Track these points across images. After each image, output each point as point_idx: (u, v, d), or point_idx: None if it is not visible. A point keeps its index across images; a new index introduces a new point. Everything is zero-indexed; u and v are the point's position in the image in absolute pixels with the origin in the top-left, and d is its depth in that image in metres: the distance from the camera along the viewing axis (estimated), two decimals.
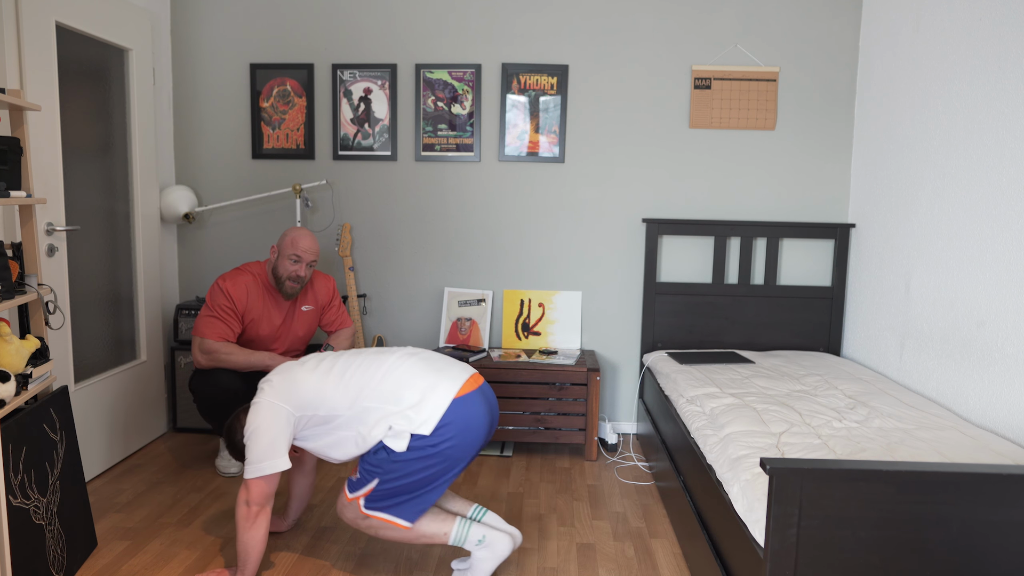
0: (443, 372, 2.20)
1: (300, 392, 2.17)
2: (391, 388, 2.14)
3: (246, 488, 2.17)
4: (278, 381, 2.19)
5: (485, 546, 2.22)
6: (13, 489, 2.05)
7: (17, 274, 2.23)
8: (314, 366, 2.23)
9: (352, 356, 2.26)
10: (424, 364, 2.22)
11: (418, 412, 2.11)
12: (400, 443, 2.11)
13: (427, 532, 2.20)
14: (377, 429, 2.13)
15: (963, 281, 2.67)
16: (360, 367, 2.20)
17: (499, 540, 2.23)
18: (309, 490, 2.65)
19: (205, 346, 2.90)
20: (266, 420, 2.14)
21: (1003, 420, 2.42)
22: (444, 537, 2.21)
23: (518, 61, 3.68)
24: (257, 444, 2.13)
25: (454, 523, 2.22)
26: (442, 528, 2.21)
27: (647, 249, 3.65)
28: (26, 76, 2.63)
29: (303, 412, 2.17)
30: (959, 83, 2.74)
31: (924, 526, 1.60)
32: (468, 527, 2.22)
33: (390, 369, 2.18)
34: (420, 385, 2.15)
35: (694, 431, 2.56)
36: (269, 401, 2.16)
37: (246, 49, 3.74)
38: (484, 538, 2.22)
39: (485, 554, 2.22)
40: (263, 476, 2.15)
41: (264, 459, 2.13)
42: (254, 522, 2.18)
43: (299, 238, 2.89)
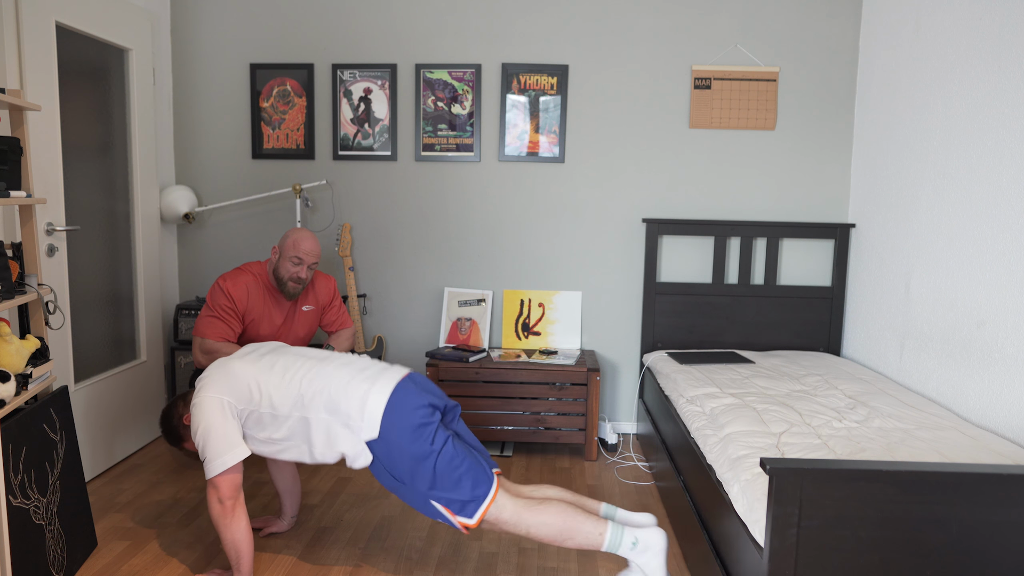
0: (377, 378, 2.18)
1: (238, 383, 2.16)
2: (329, 398, 2.13)
3: (214, 487, 2.15)
4: (216, 375, 2.19)
5: (641, 550, 2.12)
6: (13, 489, 2.05)
7: (17, 274, 2.23)
8: (255, 359, 2.23)
9: (293, 357, 2.25)
10: (357, 373, 2.20)
11: (359, 420, 2.11)
12: (366, 457, 2.12)
13: (583, 529, 2.11)
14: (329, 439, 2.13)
15: (963, 281, 2.67)
16: (300, 371, 2.19)
17: (652, 536, 2.13)
18: (295, 481, 2.65)
19: (206, 346, 2.90)
20: (213, 414, 2.13)
21: (1003, 420, 2.42)
22: (599, 539, 2.11)
23: (518, 61, 3.68)
24: (211, 440, 2.12)
25: (607, 526, 2.12)
26: (597, 528, 2.12)
27: (647, 249, 3.65)
28: (26, 76, 2.63)
29: (244, 405, 2.16)
30: (959, 83, 2.74)
31: (924, 526, 1.60)
32: (621, 531, 2.12)
33: (327, 380, 2.17)
34: (356, 393, 2.14)
35: (694, 431, 2.56)
36: (209, 396, 2.15)
37: (246, 49, 3.74)
38: (637, 541, 2.12)
39: (645, 557, 2.12)
40: (227, 469, 2.13)
41: (223, 453, 2.12)
42: (233, 516, 2.17)
43: (301, 240, 2.89)
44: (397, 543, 2.60)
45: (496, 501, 2.13)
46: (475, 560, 2.49)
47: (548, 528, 2.11)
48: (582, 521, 2.11)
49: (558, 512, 2.12)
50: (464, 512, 2.12)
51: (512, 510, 2.13)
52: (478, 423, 3.44)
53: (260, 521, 2.68)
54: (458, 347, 3.63)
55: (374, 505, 2.92)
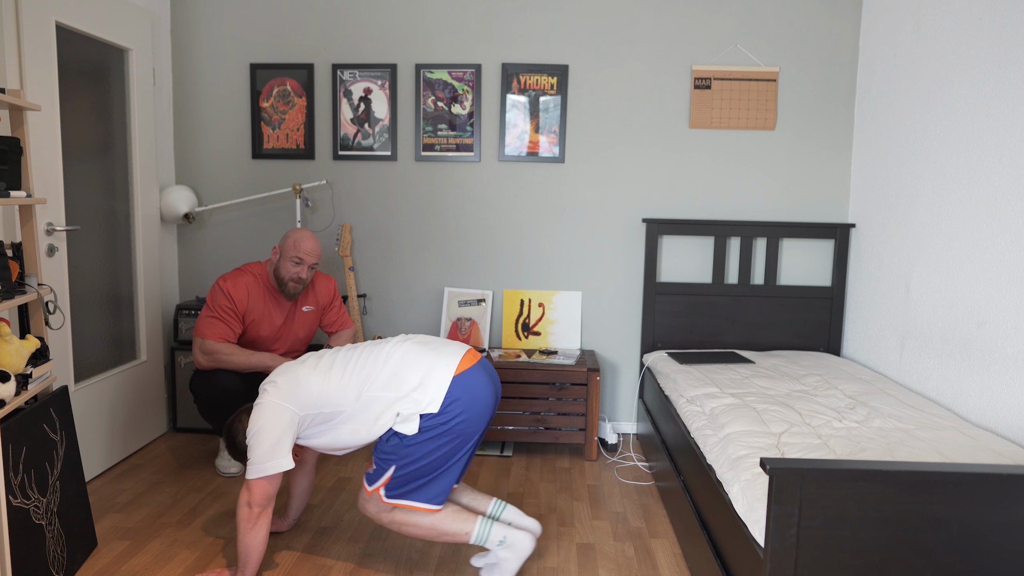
0: (440, 351, 2.23)
1: (305, 391, 2.18)
2: (391, 375, 2.16)
3: (248, 489, 2.17)
4: (282, 382, 2.19)
5: (507, 547, 2.23)
6: (13, 489, 2.05)
7: (17, 274, 2.23)
8: (314, 363, 2.24)
9: (349, 351, 2.28)
10: (420, 347, 2.24)
11: (423, 393, 2.14)
12: (410, 426, 2.14)
13: (449, 530, 2.21)
14: (384, 418, 2.16)
15: (963, 281, 2.67)
16: (359, 360, 2.22)
17: (520, 539, 2.24)
18: (309, 489, 2.66)
19: (206, 347, 2.90)
20: (270, 421, 2.15)
21: (1003, 420, 2.42)
22: (466, 536, 2.22)
23: (518, 61, 3.68)
24: (260, 445, 2.13)
25: (476, 522, 2.23)
26: (464, 527, 2.22)
27: (647, 249, 3.65)
28: (26, 76, 2.63)
29: (308, 411, 2.18)
30: (959, 83, 2.74)
31: (924, 526, 1.60)
32: (489, 527, 2.23)
33: (388, 356, 2.20)
34: (420, 367, 2.17)
35: (694, 431, 2.56)
36: (272, 402, 2.16)
37: (246, 49, 3.74)
38: (505, 539, 2.23)
39: (508, 554, 2.23)
40: (266, 476, 2.15)
41: (267, 459, 2.13)
42: (256, 523, 2.19)
43: (301, 240, 2.89)
44: (397, 543, 2.60)
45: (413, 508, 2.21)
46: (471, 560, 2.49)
47: (417, 528, 2.22)
48: (451, 521, 2.22)
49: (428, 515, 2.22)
50: (391, 494, 2.19)
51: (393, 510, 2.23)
52: None
53: None
54: None
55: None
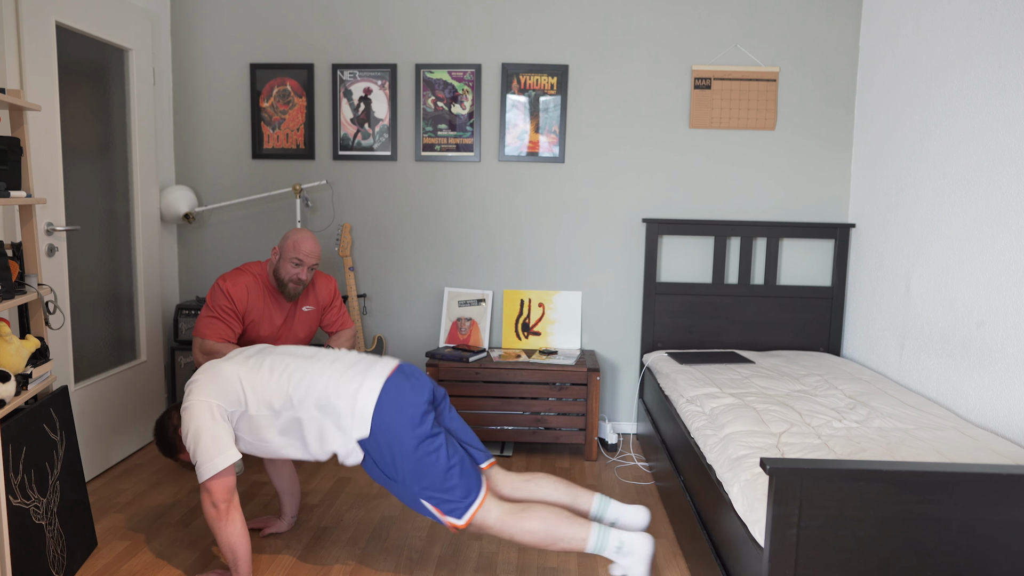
0: (366, 374, 2.18)
1: (227, 385, 2.16)
2: (319, 397, 2.13)
3: (207, 491, 2.15)
4: (203, 379, 2.18)
5: (626, 553, 2.13)
6: (13, 489, 2.05)
7: (17, 274, 2.23)
8: (242, 360, 2.22)
9: (281, 356, 2.25)
10: (346, 370, 2.20)
11: (351, 420, 2.11)
12: (356, 456, 2.13)
13: (566, 535, 2.12)
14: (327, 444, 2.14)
15: (963, 281, 2.67)
16: (288, 370, 2.18)
17: (637, 541, 2.14)
18: (293, 481, 2.65)
19: (206, 347, 2.90)
20: (202, 418, 2.13)
21: (1003, 420, 2.42)
22: (583, 542, 2.13)
23: (518, 61, 3.68)
24: (201, 444, 2.11)
25: (591, 528, 2.14)
26: (580, 532, 2.13)
27: (647, 249, 3.65)
28: (26, 76, 2.63)
29: (234, 407, 2.16)
30: (959, 83, 2.74)
31: (924, 526, 1.60)
32: (606, 534, 2.14)
33: (315, 378, 2.16)
34: (346, 391, 2.13)
35: (694, 431, 2.56)
36: (198, 400, 2.15)
37: (246, 49, 3.74)
38: (622, 545, 2.13)
39: (629, 561, 2.13)
40: (219, 473, 2.13)
41: (213, 456, 2.11)
42: (227, 518, 2.17)
43: (301, 241, 2.89)
44: (397, 543, 2.61)
45: (484, 505, 2.14)
46: (475, 560, 2.49)
47: (532, 535, 2.13)
48: (566, 527, 2.13)
49: (541, 518, 2.14)
50: (452, 513, 2.13)
51: (497, 516, 2.15)
52: (478, 423, 3.44)
53: (260, 521, 2.68)
54: (458, 347, 3.63)
55: (374, 505, 2.92)
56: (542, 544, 2.13)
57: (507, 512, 2.15)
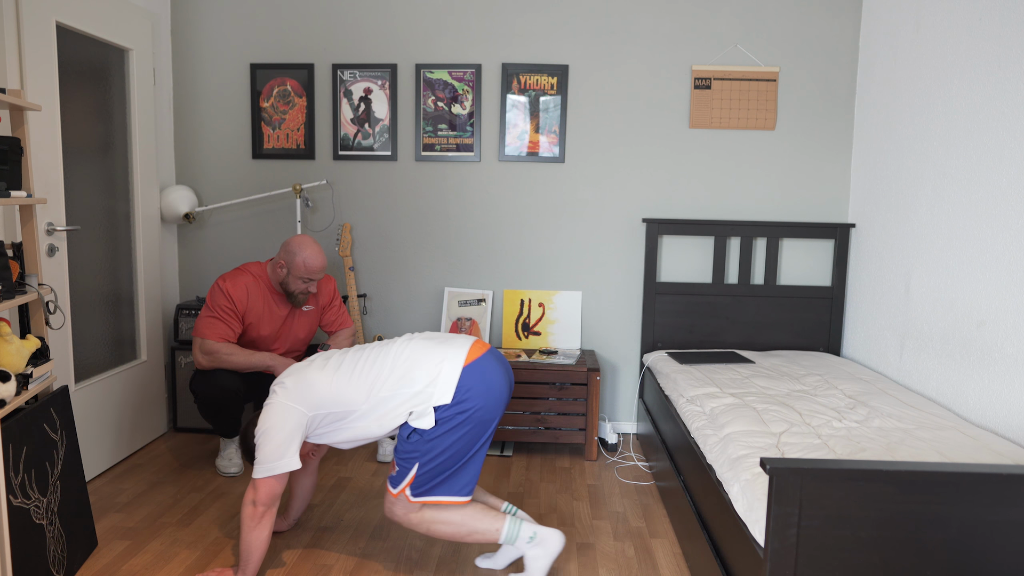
0: (448, 344, 2.23)
1: (314, 392, 2.18)
2: (402, 373, 2.17)
3: (254, 488, 2.18)
4: (291, 383, 2.20)
5: (537, 543, 2.21)
6: (13, 489, 2.06)
7: (17, 274, 2.23)
8: (322, 364, 2.25)
9: (358, 351, 2.28)
10: (428, 342, 2.25)
11: (435, 387, 2.15)
12: (427, 420, 2.14)
13: (479, 527, 2.20)
14: (396, 413, 2.17)
15: (963, 281, 2.67)
16: (368, 360, 2.22)
17: (550, 536, 2.22)
18: (311, 490, 2.67)
19: (206, 347, 2.90)
20: (278, 421, 2.16)
21: (1003, 420, 2.42)
22: (496, 533, 2.20)
23: (518, 61, 3.68)
24: (268, 444, 2.14)
25: (505, 520, 2.21)
26: (494, 524, 2.20)
27: (647, 249, 3.65)
28: (26, 76, 2.63)
29: (317, 411, 2.19)
30: (959, 83, 2.74)
31: (924, 526, 1.60)
32: (519, 525, 2.21)
33: (397, 355, 2.21)
34: (430, 362, 2.18)
35: (694, 431, 2.56)
36: (281, 402, 2.18)
37: (246, 49, 3.74)
38: (535, 535, 2.21)
39: (538, 552, 2.20)
40: (273, 476, 2.16)
41: (275, 459, 2.14)
42: (260, 522, 2.19)
43: (310, 259, 2.89)
44: (397, 543, 2.61)
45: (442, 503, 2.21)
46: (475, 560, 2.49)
47: (448, 526, 2.21)
48: (481, 519, 2.20)
49: (459, 511, 2.21)
50: (416, 492, 2.19)
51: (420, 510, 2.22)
52: None
53: None
54: None
55: (374, 505, 2.92)
56: (455, 536, 2.21)
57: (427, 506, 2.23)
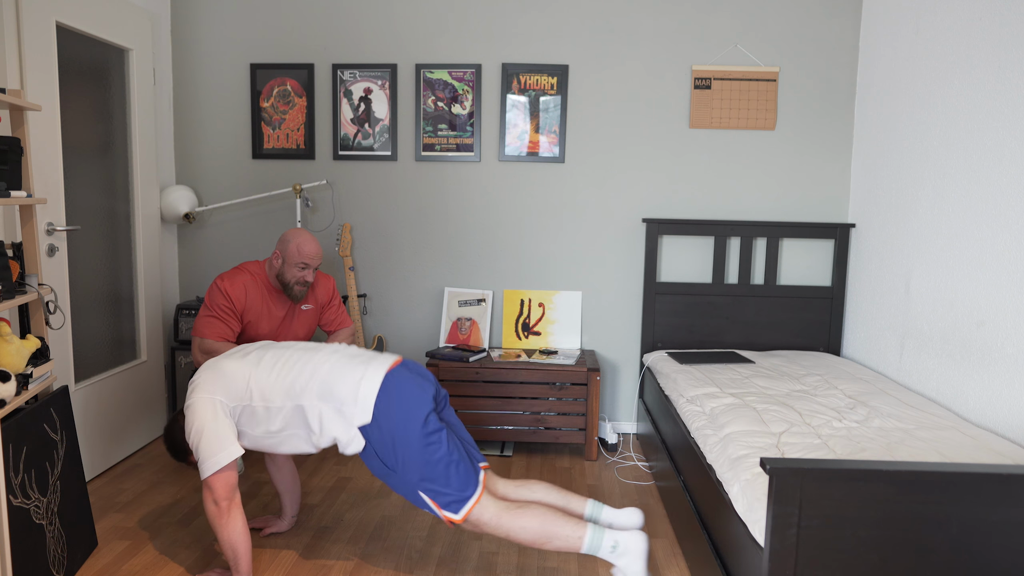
0: (369, 363, 2.21)
1: (229, 381, 2.18)
2: (321, 384, 2.15)
3: (209, 488, 2.16)
4: (206, 376, 2.20)
5: (621, 553, 2.12)
6: (13, 489, 2.05)
7: (17, 274, 2.23)
8: (242, 355, 2.25)
9: (282, 350, 2.28)
10: (348, 359, 2.23)
11: (354, 407, 2.13)
12: (357, 444, 2.14)
13: (562, 533, 2.12)
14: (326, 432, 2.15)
15: (963, 281, 2.67)
16: (289, 362, 2.21)
17: (632, 540, 2.13)
18: (294, 480, 2.66)
19: (205, 346, 2.90)
20: (205, 415, 2.14)
21: (1003, 420, 2.42)
22: (578, 541, 2.12)
23: (518, 61, 3.68)
24: (204, 441, 2.13)
25: (587, 528, 2.13)
26: (576, 531, 2.12)
27: (647, 249, 3.65)
28: (26, 76, 2.63)
29: (237, 402, 2.18)
30: (959, 83, 2.74)
31: (924, 526, 1.60)
32: (601, 534, 2.13)
33: (317, 366, 2.19)
34: (349, 379, 2.16)
35: (694, 431, 2.56)
36: (201, 397, 2.17)
37: (246, 49, 3.74)
38: (617, 544, 2.12)
39: (626, 561, 2.12)
40: (221, 469, 2.14)
41: (215, 452, 2.13)
42: (229, 517, 2.18)
43: (304, 244, 2.90)
44: (397, 543, 2.61)
45: (481, 502, 2.15)
46: (475, 560, 2.49)
47: (527, 532, 2.13)
48: (561, 525, 2.13)
49: (537, 516, 2.14)
50: (449, 508, 2.14)
51: (493, 512, 2.15)
52: (478, 423, 3.44)
53: (260, 521, 2.68)
54: (458, 347, 3.63)
55: (374, 505, 2.92)
56: (537, 542, 2.13)
57: (503, 509, 2.15)
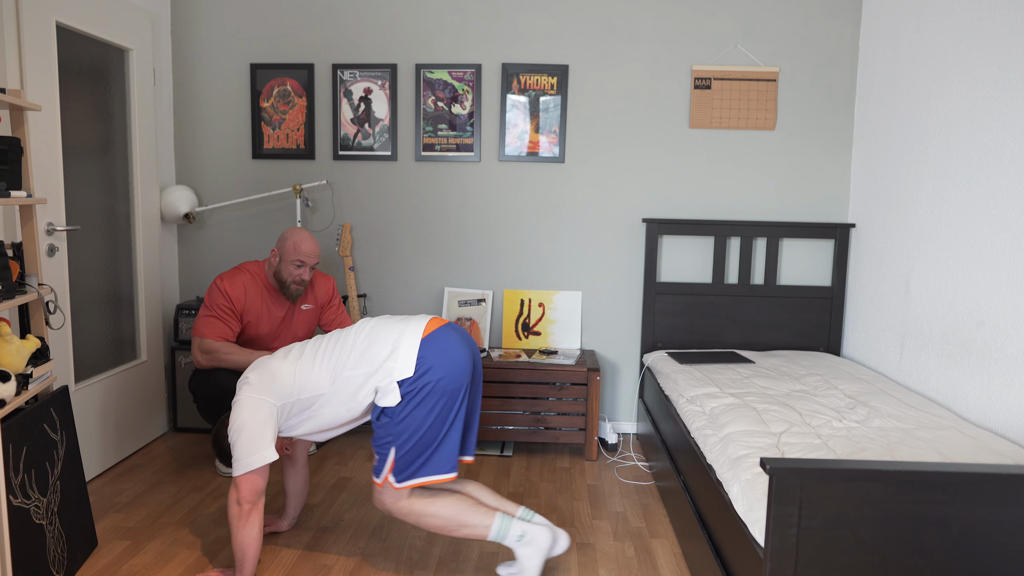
0: (406, 321, 2.26)
1: (279, 381, 2.19)
2: (362, 352, 2.19)
3: (236, 487, 2.17)
4: (255, 377, 2.21)
5: (526, 543, 2.21)
6: (13, 489, 2.05)
7: (17, 274, 2.23)
8: (284, 354, 2.27)
9: (318, 340, 2.31)
10: (386, 322, 2.28)
11: (395, 361, 2.16)
12: (392, 397, 2.15)
13: (470, 521, 2.20)
14: (362, 393, 2.18)
15: (963, 281, 2.67)
16: (329, 345, 2.25)
17: (539, 534, 2.22)
18: (305, 486, 2.66)
19: (205, 346, 2.90)
20: (249, 415, 2.15)
21: (1003, 420, 2.42)
22: (485, 529, 2.21)
23: (518, 61, 3.68)
24: (241, 440, 2.14)
25: (495, 516, 2.22)
26: (484, 520, 2.21)
27: (647, 249, 3.65)
28: (26, 76, 2.63)
29: (285, 400, 2.19)
30: (959, 83, 2.74)
31: (924, 526, 1.60)
32: (509, 523, 2.21)
33: (356, 336, 2.24)
34: (389, 339, 2.20)
35: (694, 431, 2.56)
36: (249, 396, 2.18)
37: (246, 49, 3.74)
38: (524, 534, 2.21)
39: (529, 551, 2.21)
40: (253, 471, 2.15)
41: (251, 453, 2.14)
42: (248, 520, 2.19)
43: (301, 242, 2.90)
44: (397, 543, 2.61)
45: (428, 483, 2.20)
46: (475, 560, 2.49)
47: (436, 519, 2.21)
48: (472, 514, 2.21)
49: (449, 504, 2.22)
50: (400, 477, 2.18)
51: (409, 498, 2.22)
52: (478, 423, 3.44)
53: None
54: None
55: (374, 505, 2.92)
56: (445, 529, 2.21)
57: (417, 495, 2.23)
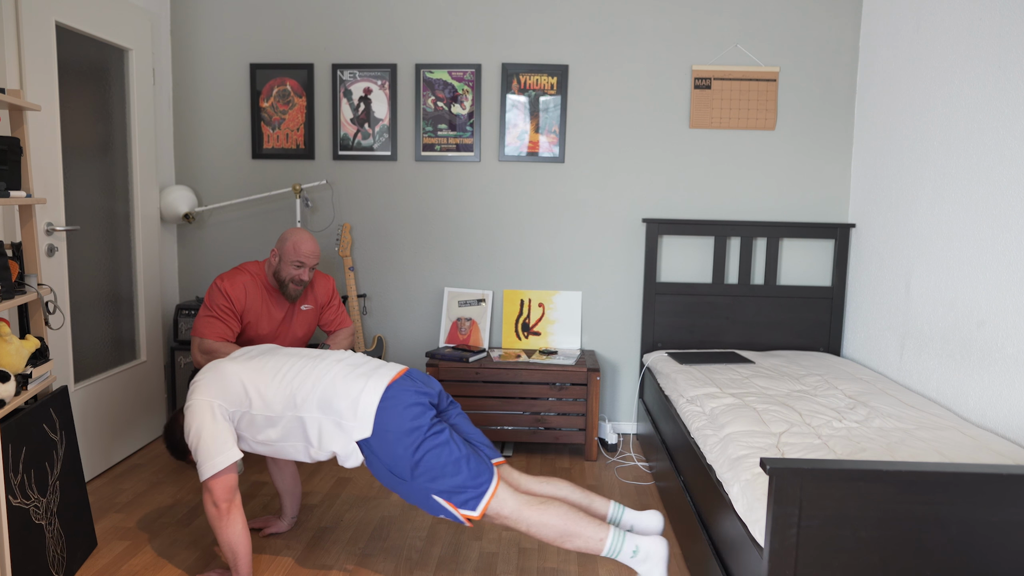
0: (370, 376, 2.17)
1: (229, 385, 2.17)
2: (321, 397, 2.13)
3: (207, 490, 2.15)
4: (206, 378, 2.19)
5: (642, 559, 2.08)
6: (13, 489, 2.05)
7: (17, 274, 2.23)
8: (246, 359, 2.24)
9: (286, 357, 2.25)
10: (351, 370, 2.20)
11: (352, 419, 2.10)
12: (356, 457, 2.12)
13: (584, 532, 2.08)
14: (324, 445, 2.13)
15: (963, 281, 2.67)
16: (292, 371, 2.19)
17: (653, 545, 2.10)
18: (295, 482, 2.66)
19: (204, 346, 2.90)
20: (203, 418, 2.14)
21: (1003, 420, 2.42)
22: (599, 543, 2.08)
23: (518, 61, 3.68)
24: (203, 443, 2.12)
25: (610, 531, 2.09)
26: (598, 533, 2.08)
27: (647, 249, 3.65)
28: (26, 76, 2.63)
29: (236, 408, 2.17)
30: (959, 83, 2.74)
31: (924, 526, 1.60)
32: (622, 539, 2.09)
33: (319, 377, 2.17)
34: (350, 392, 2.13)
35: (694, 431, 2.56)
36: (200, 400, 2.16)
37: (246, 49, 3.74)
38: (637, 549, 2.09)
39: (647, 567, 2.09)
40: (219, 472, 2.14)
41: (214, 455, 2.12)
42: (228, 518, 2.17)
43: (300, 243, 2.90)
44: (397, 543, 2.61)
45: (497, 494, 2.10)
46: (475, 560, 2.49)
47: (548, 529, 2.08)
48: (584, 525, 2.08)
49: (559, 513, 2.09)
50: (467, 505, 2.09)
51: (513, 506, 2.10)
52: (478, 423, 3.44)
53: (260, 521, 2.68)
54: (458, 347, 3.63)
55: (374, 505, 2.92)
56: (557, 539, 2.09)
57: (524, 503, 2.11)
